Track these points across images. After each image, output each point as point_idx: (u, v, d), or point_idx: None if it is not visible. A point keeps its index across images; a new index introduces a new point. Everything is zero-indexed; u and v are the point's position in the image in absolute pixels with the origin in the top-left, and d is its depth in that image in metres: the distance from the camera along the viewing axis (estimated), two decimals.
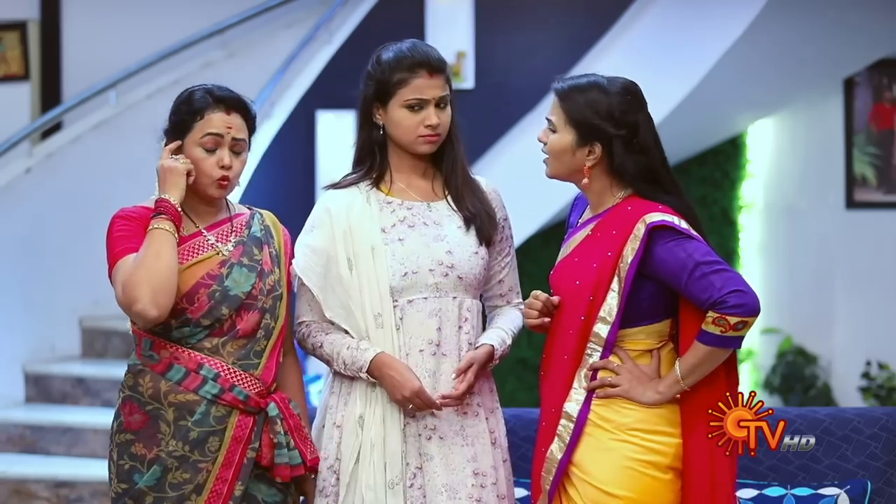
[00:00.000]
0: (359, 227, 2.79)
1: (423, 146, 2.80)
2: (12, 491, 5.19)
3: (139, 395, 2.66)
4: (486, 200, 2.87)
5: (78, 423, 5.52)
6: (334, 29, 6.56)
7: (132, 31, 6.85)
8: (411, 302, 2.76)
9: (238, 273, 2.69)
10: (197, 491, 2.63)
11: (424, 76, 2.77)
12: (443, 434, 2.75)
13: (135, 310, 2.57)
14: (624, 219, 2.64)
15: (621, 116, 2.66)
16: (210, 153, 2.68)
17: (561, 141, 2.70)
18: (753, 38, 5.87)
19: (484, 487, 2.75)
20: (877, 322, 7.06)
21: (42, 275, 6.03)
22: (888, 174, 7.17)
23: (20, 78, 6.95)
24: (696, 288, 2.56)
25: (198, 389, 2.64)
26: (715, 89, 6.07)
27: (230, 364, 2.66)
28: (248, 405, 2.67)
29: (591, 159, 2.68)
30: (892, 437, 3.27)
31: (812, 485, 3.21)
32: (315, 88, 6.44)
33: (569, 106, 2.68)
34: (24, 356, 5.91)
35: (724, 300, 2.53)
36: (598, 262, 2.64)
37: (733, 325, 2.54)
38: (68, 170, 6.23)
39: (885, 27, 6.39)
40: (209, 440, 2.64)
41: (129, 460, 2.65)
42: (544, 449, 2.67)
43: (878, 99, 7.16)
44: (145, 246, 2.59)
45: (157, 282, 2.57)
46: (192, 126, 2.69)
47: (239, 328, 2.67)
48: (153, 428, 2.64)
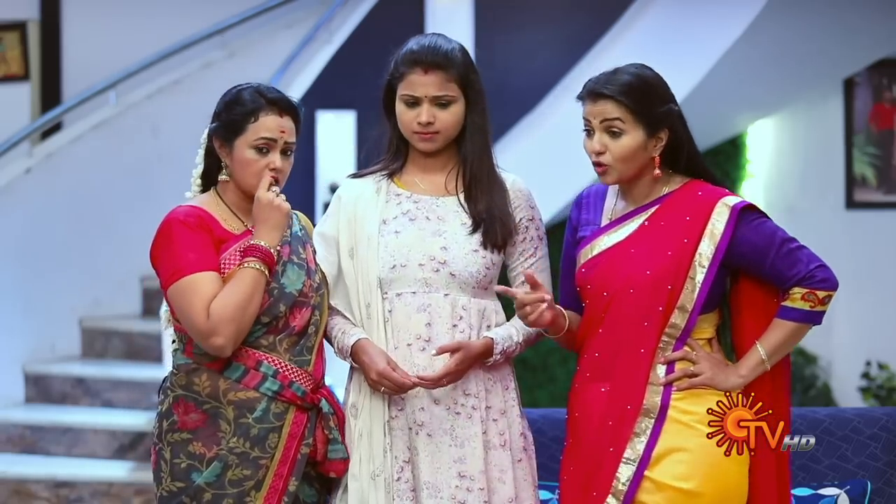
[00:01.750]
0: (363, 216, 2.80)
1: (419, 143, 2.80)
2: (12, 491, 5.20)
3: (195, 394, 2.66)
4: (504, 203, 2.82)
5: (78, 423, 5.51)
6: (334, 29, 6.55)
7: (132, 31, 6.85)
8: (399, 295, 2.76)
9: (291, 271, 2.70)
10: (256, 487, 2.64)
11: (419, 73, 2.76)
12: (431, 431, 2.73)
13: (212, 342, 2.59)
14: (697, 204, 2.61)
15: (671, 93, 2.64)
16: (261, 155, 2.68)
17: (633, 140, 2.61)
18: (753, 38, 5.86)
19: (470, 491, 2.71)
20: (877, 322, 7.05)
21: (42, 275, 6.03)
22: (888, 174, 7.16)
23: (20, 78, 6.95)
24: (783, 264, 2.56)
25: (258, 387, 2.65)
26: (715, 89, 6.07)
27: (287, 360, 2.69)
28: (305, 401, 2.69)
29: (658, 148, 2.63)
30: (892, 438, 3.27)
31: (812, 485, 3.20)
32: (315, 88, 6.43)
33: (632, 100, 2.60)
34: (24, 356, 5.91)
35: (813, 274, 2.56)
36: (672, 249, 2.58)
37: (821, 300, 2.57)
38: (68, 170, 6.22)
39: (885, 27, 6.38)
40: (269, 437, 2.65)
41: (186, 459, 2.65)
42: (614, 448, 2.59)
43: (878, 99, 7.16)
44: (241, 284, 2.60)
45: (244, 325, 2.61)
46: (245, 127, 2.68)
47: (294, 325, 2.69)
48: (212, 426, 2.65)
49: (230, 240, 2.68)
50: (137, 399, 5.59)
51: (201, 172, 2.80)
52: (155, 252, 2.68)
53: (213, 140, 2.72)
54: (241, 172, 2.69)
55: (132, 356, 6.03)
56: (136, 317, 6.37)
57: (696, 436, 2.58)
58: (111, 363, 5.99)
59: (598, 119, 2.62)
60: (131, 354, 6.05)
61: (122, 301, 6.37)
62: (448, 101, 2.78)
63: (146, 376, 5.58)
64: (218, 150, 2.72)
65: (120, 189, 6.29)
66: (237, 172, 2.70)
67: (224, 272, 2.64)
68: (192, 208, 2.69)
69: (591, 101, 2.65)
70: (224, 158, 2.72)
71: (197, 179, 2.79)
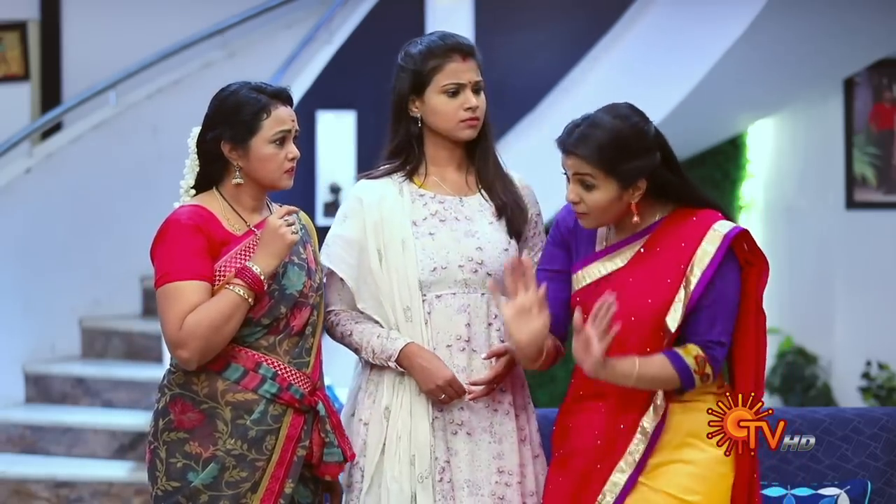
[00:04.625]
0: (390, 219, 2.80)
1: (465, 131, 2.80)
2: (12, 491, 5.20)
3: (193, 394, 2.66)
4: (518, 193, 2.87)
5: (78, 423, 5.52)
6: (334, 29, 6.55)
7: (132, 31, 6.85)
8: (440, 297, 2.77)
9: (292, 272, 2.71)
10: (253, 489, 2.65)
11: (458, 60, 2.79)
12: (471, 430, 2.75)
13: (178, 353, 2.60)
14: (690, 229, 2.59)
15: (650, 142, 2.59)
16: (280, 147, 2.70)
17: (605, 195, 2.58)
18: (753, 38, 5.86)
19: (509, 486, 2.75)
20: (877, 322, 7.05)
21: (42, 275, 6.03)
22: (888, 174, 7.16)
23: (20, 78, 6.95)
24: (710, 319, 2.55)
25: (257, 389, 2.65)
26: (715, 89, 6.07)
27: (286, 362, 2.69)
28: (303, 404, 2.69)
29: (637, 195, 2.60)
30: (892, 438, 3.27)
31: (812, 485, 3.20)
32: (315, 88, 6.43)
33: (602, 159, 2.55)
34: (24, 356, 5.91)
35: (712, 348, 2.55)
36: (672, 276, 2.58)
37: (703, 374, 2.56)
38: (68, 170, 6.23)
39: (885, 27, 6.38)
40: (266, 439, 2.65)
41: (182, 458, 2.65)
42: (601, 466, 2.61)
43: (878, 99, 7.16)
44: (220, 305, 2.59)
45: (214, 345, 2.61)
46: (260, 125, 2.68)
47: (293, 325, 2.70)
48: (209, 427, 2.64)
49: (232, 241, 2.68)
50: (137, 399, 5.59)
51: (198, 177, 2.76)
52: (153, 250, 2.68)
53: (222, 146, 2.71)
54: (264, 168, 2.70)
55: (132, 356, 6.04)
56: (136, 317, 6.37)
57: (696, 451, 2.59)
58: (111, 363, 5.99)
59: (572, 171, 2.61)
60: (131, 354, 6.05)
61: (122, 301, 6.37)
62: (482, 86, 2.82)
63: (146, 376, 5.58)
64: (228, 154, 2.71)
65: (120, 189, 6.29)
66: (258, 170, 2.70)
67: (223, 276, 2.64)
68: (196, 208, 2.69)
69: (564, 154, 2.63)
70: (236, 161, 2.71)
71: (189, 191, 2.76)
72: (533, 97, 6.25)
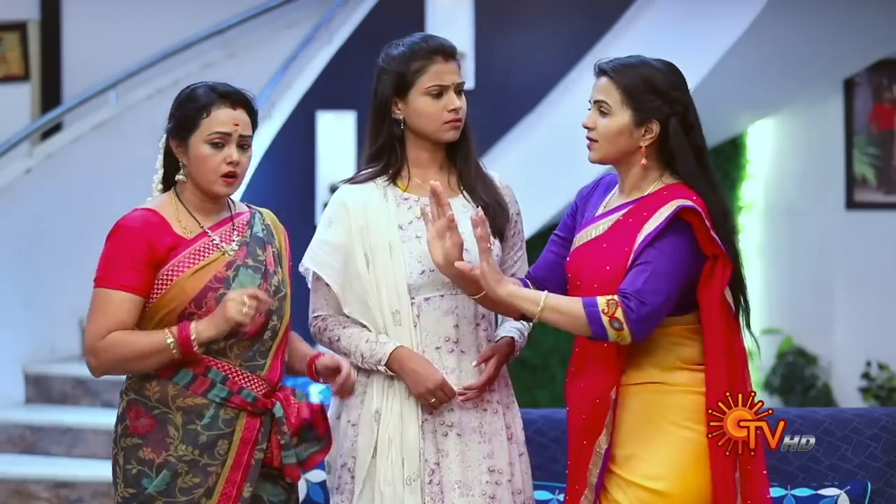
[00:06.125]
0: (376, 223, 2.79)
1: (449, 132, 2.80)
2: (12, 491, 5.19)
3: (145, 399, 2.65)
4: (499, 193, 2.87)
5: (78, 423, 5.52)
6: (334, 29, 6.55)
7: (132, 31, 6.86)
8: (428, 300, 2.77)
9: (244, 275, 2.67)
10: (207, 494, 2.62)
11: (441, 62, 2.78)
12: (461, 430, 2.76)
13: (88, 360, 2.64)
14: (659, 202, 2.60)
15: (676, 94, 2.64)
16: (217, 150, 2.66)
17: (617, 122, 2.63)
18: (754, 38, 5.87)
19: (499, 485, 2.75)
20: (877, 322, 7.05)
21: (42, 275, 6.04)
22: (888, 174, 7.16)
23: (20, 78, 6.96)
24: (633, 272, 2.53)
25: (206, 393, 2.63)
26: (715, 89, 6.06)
27: (237, 366, 2.65)
28: (256, 407, 2.66)
29: (648, 138, 2.63)
30: (892, 438, 3.27)
31: (812, 485, 3.20)
32: (315, 89, 6.43)
33: (625, 83, 2.62)
34: (24, 356, 5.92)
35: (631, 299, 2.50)
36: (629, 246, 2.59)
37: (612, 317, 2.51)
38: (68, 170, 6.23)
39: (885, 27, 6.39)
40: (218, 443, 2.62)
41: (136, 465, 2.63)
42: (587, 441, 2.62)
43: (878, 99, 7.16)
44: (146, 344, 2.58)
45: (123, 370, 2.65)
46: (198, 123, 2.66)
47: (246, 330, 2.64)
48: (161, 432, 2.62)
49: (181, 245, 2.65)
50: None
51: (162, 176, 2.77)
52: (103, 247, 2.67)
53: (171, 140, 2.70)
54: (198, 169, 2.67)
55: None
56: None
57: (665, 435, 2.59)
58: None
59: (595, 97, 2.67)
60: None
61: None
62: (462, 88, 2.82)
63: None
64: (175, 150, 2.70)
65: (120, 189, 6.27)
66: (194, 170, 2.68)
67: (173, 279, 2.61)
68: (146, 212, 2.67)
69: (596, 76, 2.70)
70: (181, 158, 2.69)
71: (158, 185, 2.77)
72: (533, 97, 6.26)
